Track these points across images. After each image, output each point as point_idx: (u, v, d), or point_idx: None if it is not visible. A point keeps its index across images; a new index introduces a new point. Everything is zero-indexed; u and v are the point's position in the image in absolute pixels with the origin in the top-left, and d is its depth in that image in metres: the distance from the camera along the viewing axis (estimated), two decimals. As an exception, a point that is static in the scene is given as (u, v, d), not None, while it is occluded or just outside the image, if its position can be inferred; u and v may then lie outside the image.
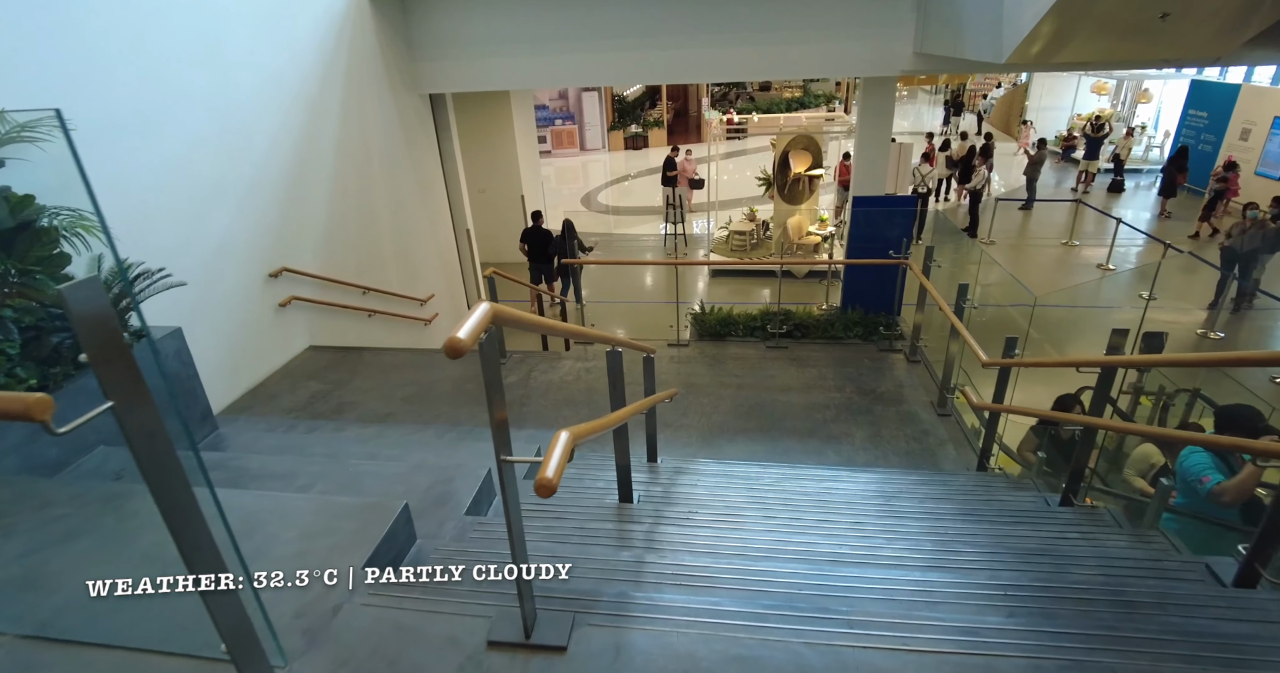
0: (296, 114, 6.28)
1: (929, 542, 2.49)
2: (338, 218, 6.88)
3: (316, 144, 6.56)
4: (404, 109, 8.10)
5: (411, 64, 8.17)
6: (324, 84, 6.66)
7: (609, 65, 8.01)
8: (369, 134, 7.42)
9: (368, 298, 7.34)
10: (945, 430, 4.68)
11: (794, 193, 11.11)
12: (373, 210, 7.52)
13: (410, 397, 5.33)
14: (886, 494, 3.14)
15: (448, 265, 9.33)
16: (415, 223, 8.42)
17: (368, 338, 7.31)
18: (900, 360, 5.67)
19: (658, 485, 3.19)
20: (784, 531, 2.58)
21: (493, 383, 1.54)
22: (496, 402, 1.55)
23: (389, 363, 6.00)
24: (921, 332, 5.62)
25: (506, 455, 1.57)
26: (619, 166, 20.80)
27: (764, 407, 4.98)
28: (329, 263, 6.72)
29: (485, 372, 1.53)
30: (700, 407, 5.01)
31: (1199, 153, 15.12)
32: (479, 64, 8.15)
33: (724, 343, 6.19)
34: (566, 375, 5.57)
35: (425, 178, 8.67)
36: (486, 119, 11.28)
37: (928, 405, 4.95)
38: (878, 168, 8.42)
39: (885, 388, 5.21)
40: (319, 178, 6.60)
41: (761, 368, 5.60)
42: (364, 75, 7.33)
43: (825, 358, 5.74)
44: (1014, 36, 4.61)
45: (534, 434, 3.96)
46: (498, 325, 1.52)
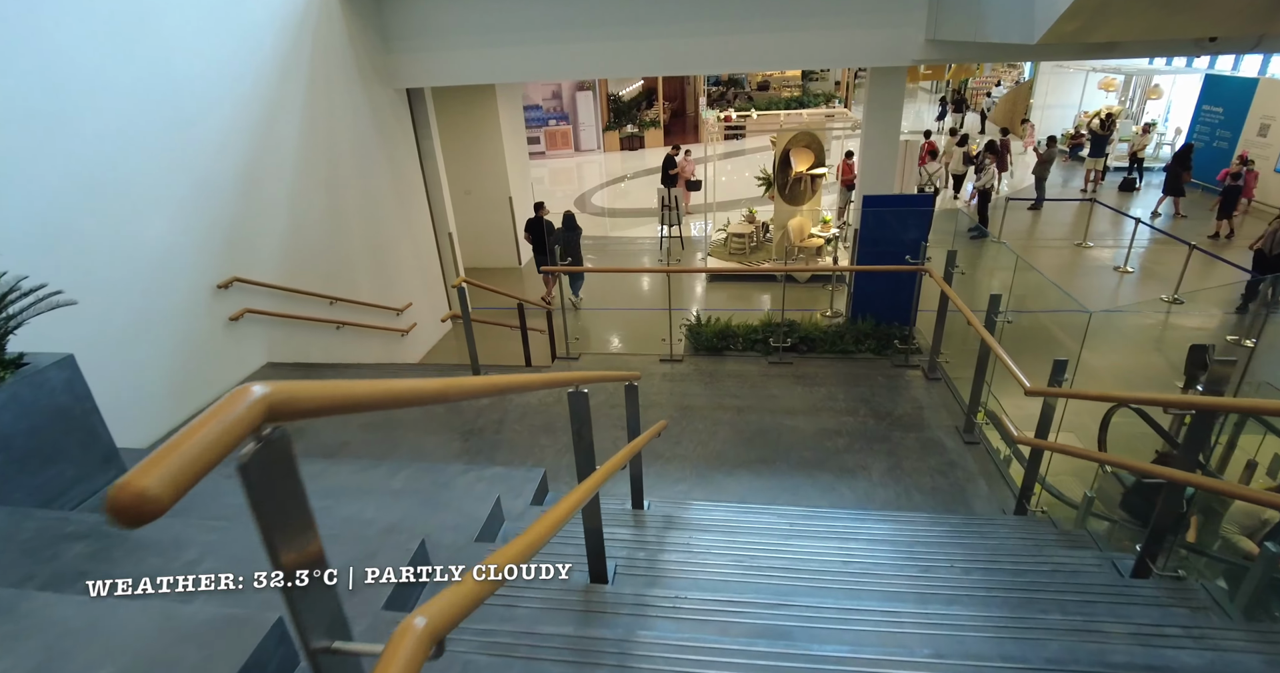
0: (252, 109, 5.72)
1: (982, 641, 1.93)
2: (301, 222, 6.32)
3: (275, 142, 6.00)
4: (378, 105, 7.54)
5: (386, 56, 7.61)
6: (284, 77, 6.10)
7: (602, 56, 7.45)
8: (338, 132, 6.86)
9: (336, 308, 6.78)
10: (974, 461, 4.11)
11: (795, 193, 10.55)
12: (342, 214, 6.95)
13: (371, 422, 4.76)
14: (919, 558, 2.57)
15: (428, 271, 8.77)
16: (391, 226, 7.85)
17: (336, 352, 6.74)
18: (918, 378, 5.10)
19: (641, 549, 2.62)
20: (798, 620, 2.01)
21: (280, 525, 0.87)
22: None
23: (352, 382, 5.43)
24: (941, 345, 5.05)
25: (325, 643, 0.94)
26: (615, 167, 20.25)
27: (767, 433, 4.41)
28: (291, 271, 6.15)
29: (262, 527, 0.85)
30: (696, 433, 4.44)
31: (1214, 150, 14.58)
32: (459, 56, 7.60)
33: (722, 358, 5.62)
34: (547, 397, 5.00)
35: (402, 178, 8.11)
36: (471, 116, 10.72)
37: (952, 431, 4.39)
38: (886, 165, 7.87)
39: (903, 410, 4.64)
40: (279, 179, 6.04)
41: (764, 387, 5.03)
42: (332, 68, 6.77)
43: (834, 375, 5.17)
44: (1049, 13, 4.06)
45: (505, 474, 3.39)
46: (284, 422, 0.83)
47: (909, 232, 5.21)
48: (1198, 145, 14.79)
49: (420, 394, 1.10)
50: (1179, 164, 12.98)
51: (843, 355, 5.49)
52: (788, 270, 6.28)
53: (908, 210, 5.49)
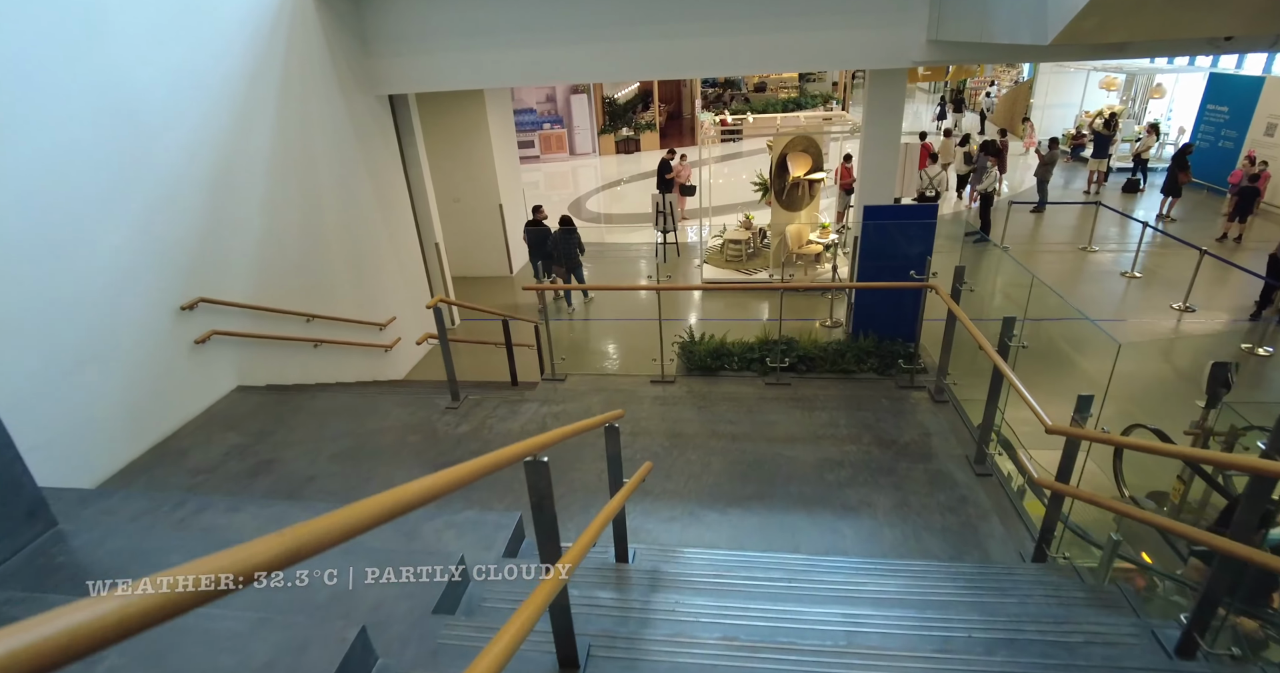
0: (220, 118, 5.43)
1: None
2: (275, 237, 6.03)
3: (247, 153, 5.71)
4: (358, 112, 7.25)
5: (366, 61, 7.33)
6: (256, 84, 5.81)
7: (593, 59, 7.16)
8: (315, 141, 6.57)
9: (314, 326, 6.49)
10: (986, 495, 3.82)
11: (793, 198, 10.27)
12: (321, 226, 6.66)
13: (342, 453, 4.47)
14: (934, 626, 2.28)
15: (413, 284, 8.47)
16: (373, 238, 7.56)
17: (315, 372, 6.45)
18: (924, 400, 4.80)
19: (622, 620, 2.32)
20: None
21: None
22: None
23: (326, 407, 5.14)
24: (948, 365, 4.76)
25: None
26: (610, 171, 19.96)
27: (764, 464, 4.12)
28: (264, 288, 5.86)
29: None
30: (688, 465, 4.14)
31: (1220, 150, 14.31)
32: (443, 60, 7.31)
33: (716, 378, 5.32)
34: (529, 423, 4.71)
35: (385, 187, 7.82)
36: (458, 122, 10.42)
37: (962, 461, 4.09)
38: (887, 169, 7.59)
39: (909, 437, 4.35)
40: (250, 192, 5.75)
41: (760, 411, 4.73)
42: (308, 74, 6.48)
43: (835, 397, 4.88)
44: (1064, 13, 3.77)
45: (476, 519, 3.10)
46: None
47: (912, 245, 4.92)
48: (1202, 145, 14.53)
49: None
50: (1177, 164, 12.72)
51: (844, 376, 5.19)
52: (786, 287, 5.99)
53: (910, 223, 5.20)
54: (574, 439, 2.32)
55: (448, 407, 4.95)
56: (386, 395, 5.42)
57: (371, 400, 5.21)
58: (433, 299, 4.86)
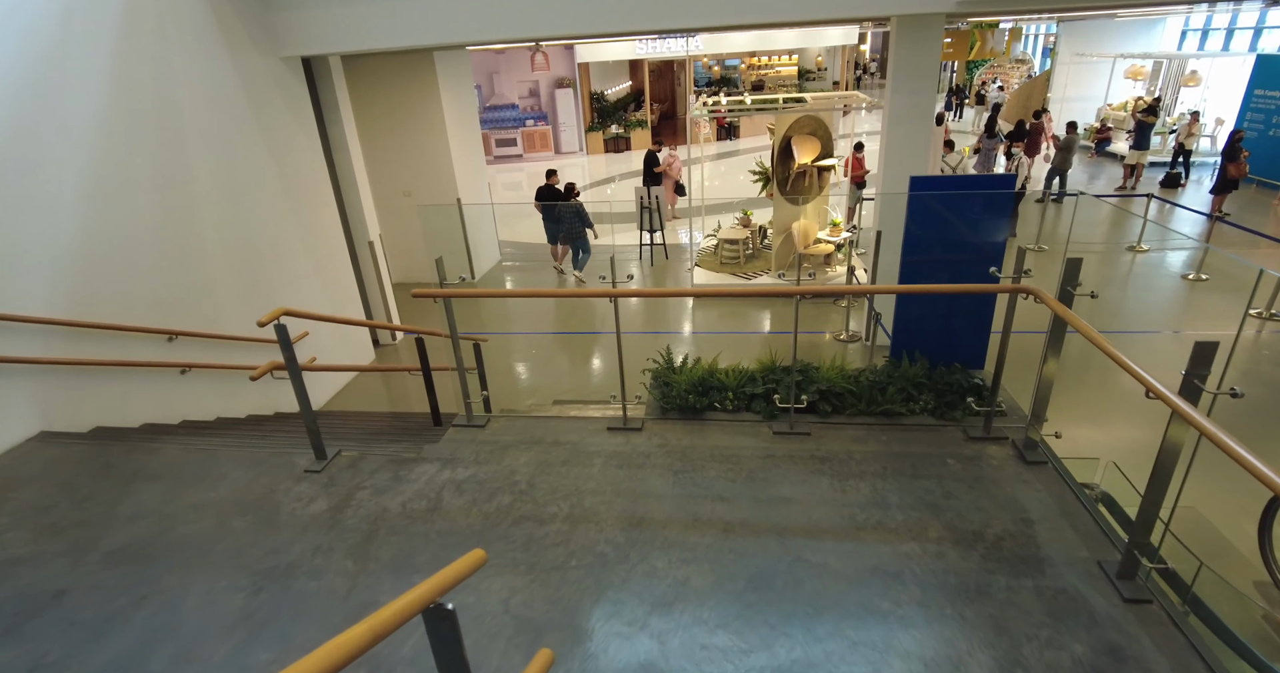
0: (12, 75, 3.91)
1: None
2: (108, 231, 4.49)
3: (57, 116, 4.18)
4: (254, 76, 5.72)
5: (265, 14, 5.81)
6: (72, 23, 4.28)
7: (553, 9, 5.63)
8: (182, 109, 5.04)
9: (178, 346, 4.94)
10: (1146, 635, 2.27)
11: (798, 189, 8.73)
12: (189, 219, 5.12)
13: (126, 547, 2.91)
14: None
15: (334, 290, 6.91)
16: (275, 234, 6.01)
17: (179, 406, 4.91)
18: (1009, 461, 3.24)
19: None
20: None
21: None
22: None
23: (142, 466, 3.56)
24: (1046, 407, 3.20)
25: None
26: (598, 170, 18.51)
27: (775, 580, 2.56)
28: (90, 299, 4.33)
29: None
30: (652, 582, 2.57)
31: (1272, 140, 12.84)
32: (367, 12, 5.79)
33: (702, 424, 3.74)
34: (415, 499, 3.14)
35: (295, 173, 6.28)
36: (404, 99, 8.91)
37: (1094, 570, 2.53)
38: (916, 146, 6.06)
39: (1000, 527, 2.79)
40: (58, 170, 4.21)
41: (768, 480, 3.17)
42: (171, 22, 4.96)
43: (878, 456, 3.32)
44: None
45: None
46: None
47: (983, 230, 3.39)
48: (1250, 135, 13.04)
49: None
50: (1225, 157, 11.24)
51: (886, 420, 3.62)
52: (803, 291, 4.40)
53: (977, 195, 3.60)
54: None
55: (307, 469, 3.39)
56: (238, 446, 3.85)
57: (211, 456, 3.64)
58: (269, 314, 3.30)
